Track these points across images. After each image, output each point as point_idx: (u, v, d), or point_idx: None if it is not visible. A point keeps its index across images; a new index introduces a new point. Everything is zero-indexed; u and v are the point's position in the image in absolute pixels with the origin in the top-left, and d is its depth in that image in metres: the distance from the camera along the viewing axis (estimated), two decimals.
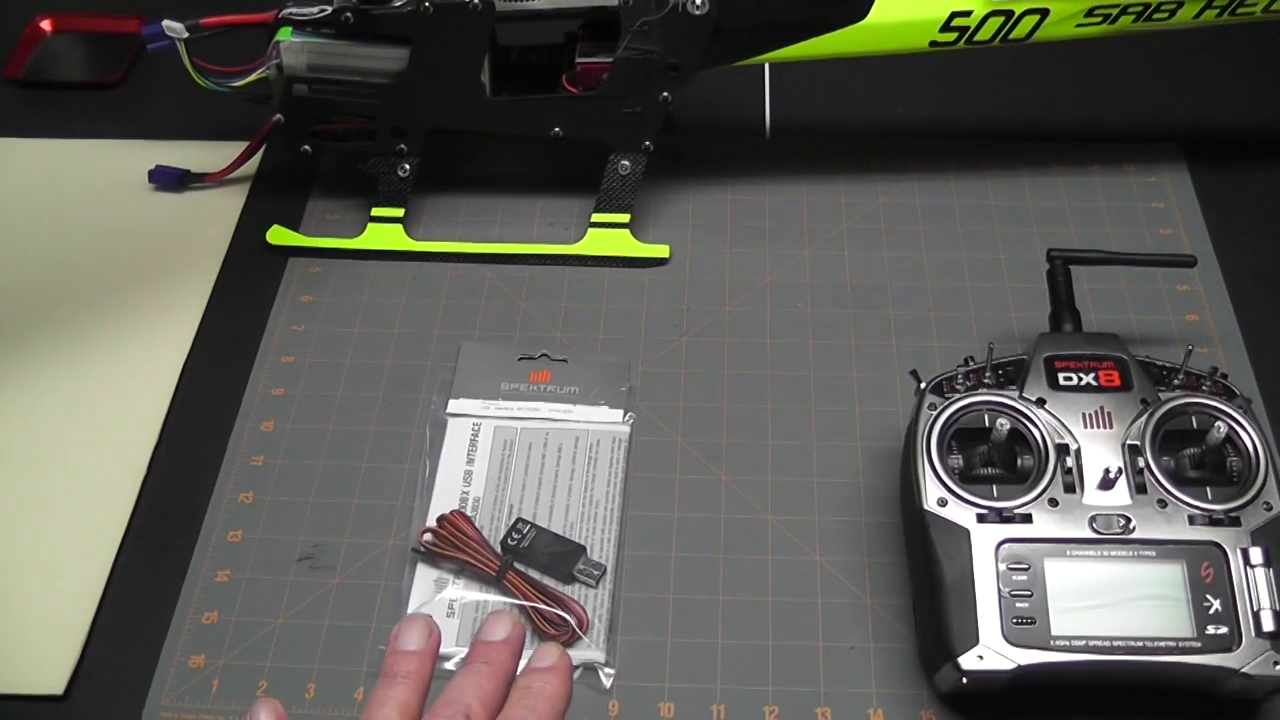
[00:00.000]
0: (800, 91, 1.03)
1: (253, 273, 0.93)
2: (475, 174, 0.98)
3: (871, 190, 0.96)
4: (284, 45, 0.87)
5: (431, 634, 0.57)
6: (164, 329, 0.89)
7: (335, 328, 0.88)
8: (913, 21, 0.85)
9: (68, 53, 1.13)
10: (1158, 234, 0.93)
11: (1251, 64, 1.05)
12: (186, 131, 1.02)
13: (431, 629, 0.57)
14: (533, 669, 0.56)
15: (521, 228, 0.94)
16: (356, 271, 0.92)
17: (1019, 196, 0.96)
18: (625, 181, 0.90)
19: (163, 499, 0.80)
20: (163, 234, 0.96)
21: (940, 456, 0.69)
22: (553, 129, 0.89)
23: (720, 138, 1.01)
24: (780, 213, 0.95)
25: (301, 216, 0.96)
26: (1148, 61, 1.05)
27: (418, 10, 0.84)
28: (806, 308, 0.88)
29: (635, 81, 0.86)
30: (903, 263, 0.91)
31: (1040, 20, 0.85)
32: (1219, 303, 0.88)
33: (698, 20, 0.83)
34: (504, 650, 0.56)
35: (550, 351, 0.85)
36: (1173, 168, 0.98)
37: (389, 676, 0.55)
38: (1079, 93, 1.04)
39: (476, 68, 0.87)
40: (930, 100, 1.03)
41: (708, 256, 0.92)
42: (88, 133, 1.04)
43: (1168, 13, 0.85)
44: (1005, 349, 0.75)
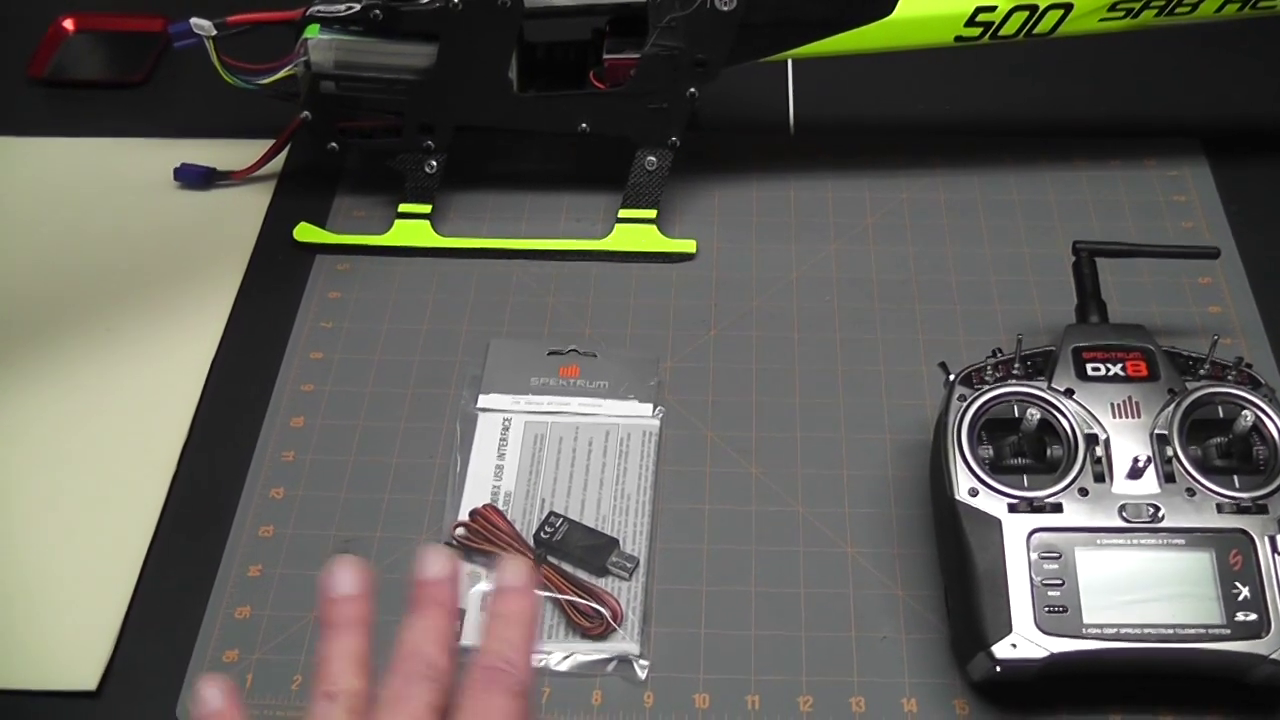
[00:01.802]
0: (824, 88, 1.04)
1: (280, 270, 0.93)
2: (502, 170, 0.98)
3: (895, 185, 0.97)
4: (312, 42, 0.88)
5: (363, 574, 0.53)
6: (192, 327, 0.89)
7: (364, 324, 0.89)
8: (938, 16, 0.86)
9: (91, 52, 1.14)
10: (1179, 227, 0.94)
11: (1271, 58, 1.05)
12: (212, 130, 1.03)
13: (363, 569, 0.53)
14: (502, 590, 0.53)
15: (548, 223, 0.95)
16: (384, 268, 0.93)
17: (1041, 191, 0.96)
18: (652, 177, 0.91)
19: (194, 495, 0.80)
20: (189, 232, 0.96)
21: (971, 447, 0.70)
22: (580, 125, 0.89)
23: (745, 134, 1.01)
24: (805, 208, 0.95)
25: (328, 213, 0.97)
26: (1167, 56, 1.06)
27: (446, 7, 0.85)
28: (833, 302, 0.89)
29: (662, 77, 0.87)
30: (927, 257, 0.92)
31: (1064, 15, 0.86)
32: (1241, 294, 0.89)
33: (725, 16, 0.84)
34: (448, 587, 0.53)
35: (579, 346, 0.86)
36: (1193, 161, 0.98)
37: (329, 628, 0.51)
38: (1100, 88, 1.04)
39: (504, 64, 0.88)
40: (952, 97, 1.03)
41: (734, 251, 0.92)
42: (112, 132, 1.05)
43: (1190, 7, 0.86)
44: (1031, 341, 0.75)
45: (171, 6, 1.07)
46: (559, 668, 0.71)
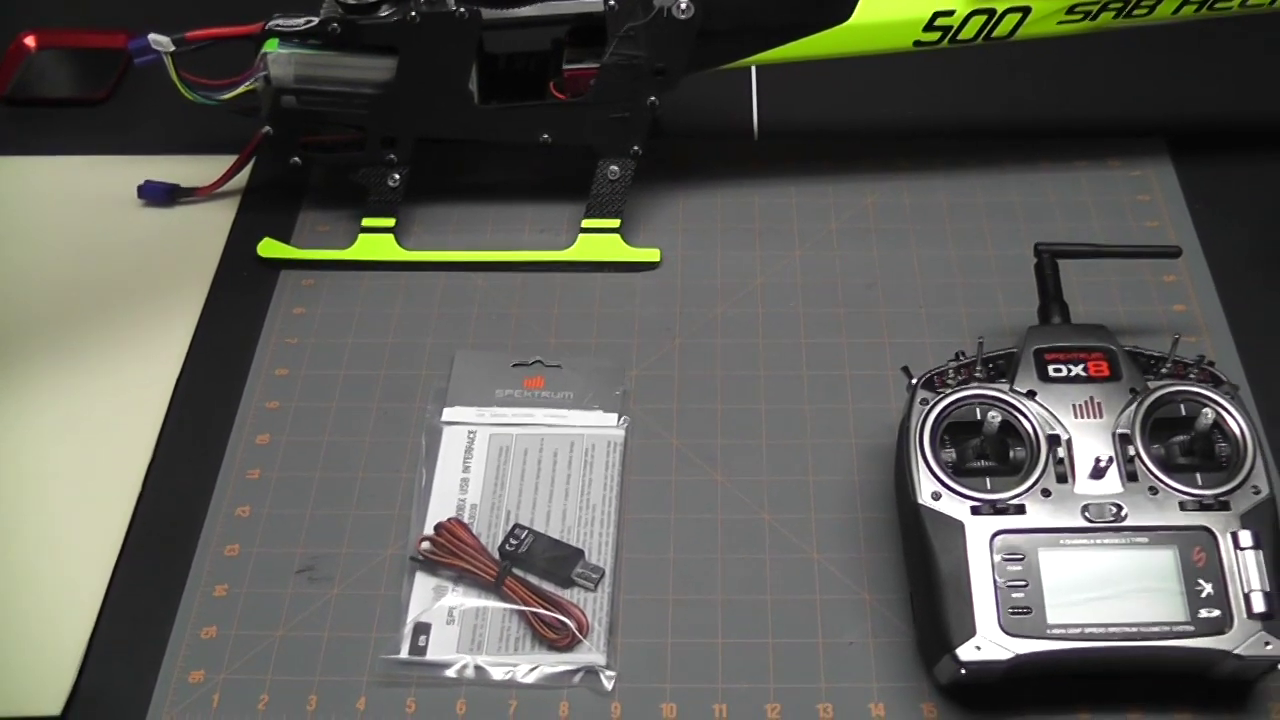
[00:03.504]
0: (788, 93, 1.04)
1: (245, 286, 0.93)
2: (465, 182, 0.98)
3: (860, 190, 0.97)
4: (271, 57, 0.88)
5: None
6: (156, 345, 0.89)
7: (329, 339, 0.89)
8: (896, 22, 0.86)
9: (53, 69, 1.14)
10: (1144, 226, 0.94)
11: (1232, 57, 1.06)
12: (175, 146, 1.03)
13: None
14: None
15: (512, 234, 0.95)
16: (349, 282, 0.92)
17: (1006, 193, 0.97)
18: (615, 187, 0.91)
19: (159, 514, 0.80)
20: (153, 249, 0.96)
21: (933, 450, 0.70)
22: (541, 136, 0.89)
23: (709, 140, 1.01)
24: (770, 214, 0.95)
25: (293, 228, 0.97)
26: (1130, 56, 1.06)
27: (404, 20, 0.85)
28: (798, 308, 0.89)
29: (622, 87, 0.87)
30: (892, 261, 0.92)
31: (1022, 18, 0.86)
32: (1205, 292, 0.89)
33: (683, 24, 0.84)
34: None
35: (544, 358, 0.85)
36: (1157, 161, 0.98)
37: None
38: (1063, 89, 1.05)
39: (464, 76, 0.88)
40: (916, 99, 1.03)
41: (699, 259, 0.92)
42: (76, 149, 1.04)
43: (1147, 9, 0.86)
44: (995, 343, 0.75)
45: (136, 22, 1.07)
46: (525, 680, 0.70)
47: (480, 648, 0.71)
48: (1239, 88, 1.05)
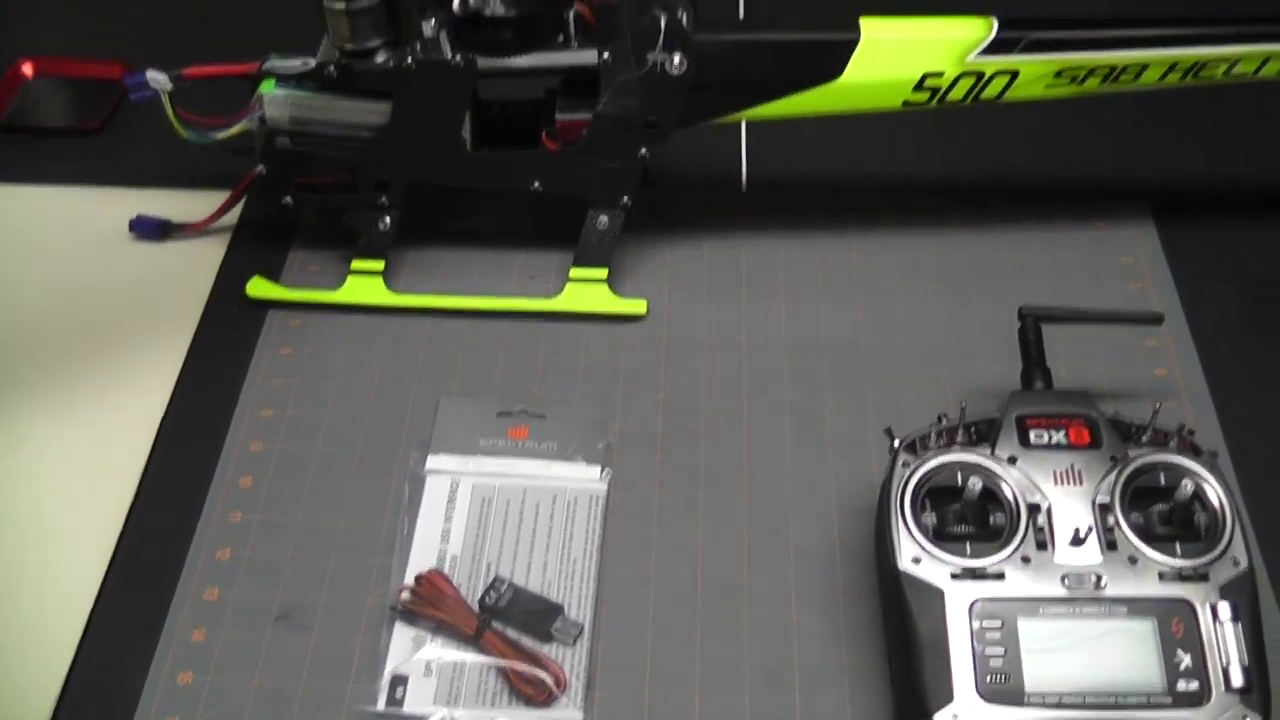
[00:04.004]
0: (777, 146, 1.05)
1: (232, 324, 0.93)
2: (455, 227, 0.99)
3: (846, 245, 0.97)
4: (267, 98, 0.88)
5: None
6: (142, 381, 0.89)
7: (314, 381, 0.89)
8: (886, 81, 0.87)
9: (50, 98, 1.14)
10: (1127, 288, 0.95)
11: (1218, 121, 1.07)
12: (168, 179, 1.03)
13: None
14: None
15: (501, 280, 0.95)
16: (337, 324, 0.93)
17: (991, 251, 0.97)
18: (603, 237, 0.91)
19: (139, 555, 0.80)
20: (143, 284, 0.96)
21: (914, 515, 0.70)
22: (532, 184, 0.90)
23: (698, 191, 1.02)
24: (757, 267, 0.96)
25: (282, 266, 0.97)
26: (1116, 118, 1.07)
27: (400, 67, 0.85)
28: (782, 363, 0.89)
29: (614, 138, 0.87)
30: (877, 318, 0.92)
31: (1010, 81, 0.87)
32: (1186, 356, 0.90)
33: (676, 80, 0.85)
34: None
35: (529, 407, 0.86)
36: (1141, 223, 0.99)
37: None
38: (1049, 148, 1.06)
39: (458, 123, 0.88)
40: (904, 156, 1.04)
41: (685, 311, 0.93)
42: (69, 179, 1.05)
43: (1133, 74, 0.87)
44: (978, 403, 0.75)
45: (133, 51, 1.08)
46: None
47: (458, 701, 0.71)
48: (1222, 152, 1.06)
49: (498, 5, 0.83)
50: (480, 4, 0.83)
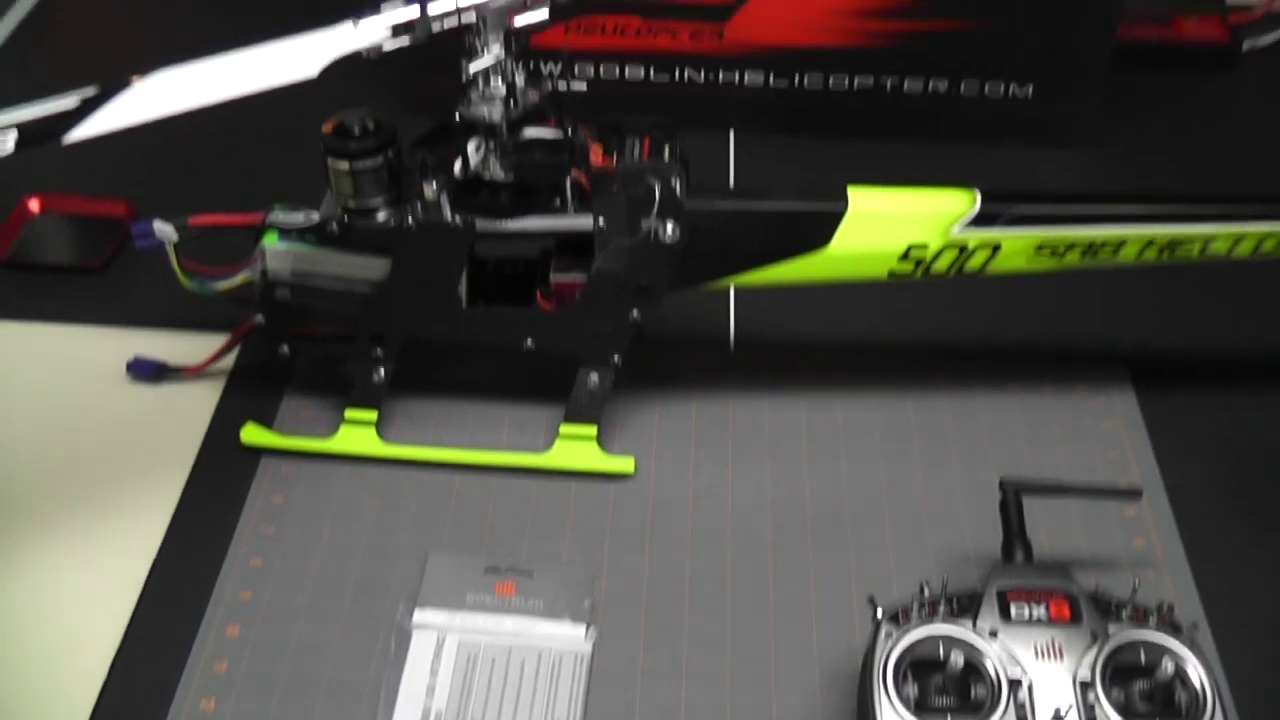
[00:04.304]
0: (765, 307, 1.07)
1: (225, 470, 0.94)
2: (448, 378, 1.00)
3: (831, 406, 0.99)
4: (270, 251, 0.90)
5: None
6: (133, 526, 0.90)
7: (305, 530, 0.90)
8: (872, 252, 0.89)
9: (54, 234, 1.16)
10: (1106, 456, 0.96)
11: (1195, 290, 1.09)
12: (167, 320, 1.04)
13: None
14: None
15: (492, 433, 0.96)
16: (328, 473, 0.94)
17: (973, 415, 0.99)
18: (594, 395, 0.93)
19: (123, 704, 0.80)
20: (137, 427, 0.97)
21: (896, 687, 0.71)
22: (526, 342, 0.92)
23: (687, 350, 1.04)
24: (743, 427, 0.97)
25: (276, 412, 0.98)
26: (1096, 283, 1.09)
27: (401, 226, 0.87)
28: (767, 525, 0.91)
29: (607, 301, 0.89)
30: (861, 480, 0.94)
31: (993, 254, 0.89)
32: (1165, 526, 0.91)
33: (668, 247, 0.87)
34: None
35: (516, 563, 0.86)
36: (1120, 389, 1.01)
37: None
38: (1030, 312, 1.07)
39: (455, 282, 0.90)
40: (889, 318, 1.06)
41: (672, 469, 0.94)
42: (69, 317, 1.06)
43: (1111, 250, 0.90)
44: (960, 570, 0.77)
45: (139, 188, 1.10)
46: None
47: None
48: (1200, 321, 1.08)
49: (497, 170, 0.86)
50: (480, 168, 0.86)
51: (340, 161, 0.86)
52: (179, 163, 1.22)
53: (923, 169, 1.20)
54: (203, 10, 1.50)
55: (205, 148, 1.23)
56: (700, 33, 1.19)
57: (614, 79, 1.22)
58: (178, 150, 1.24)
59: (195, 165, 1.22)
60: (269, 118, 0.90)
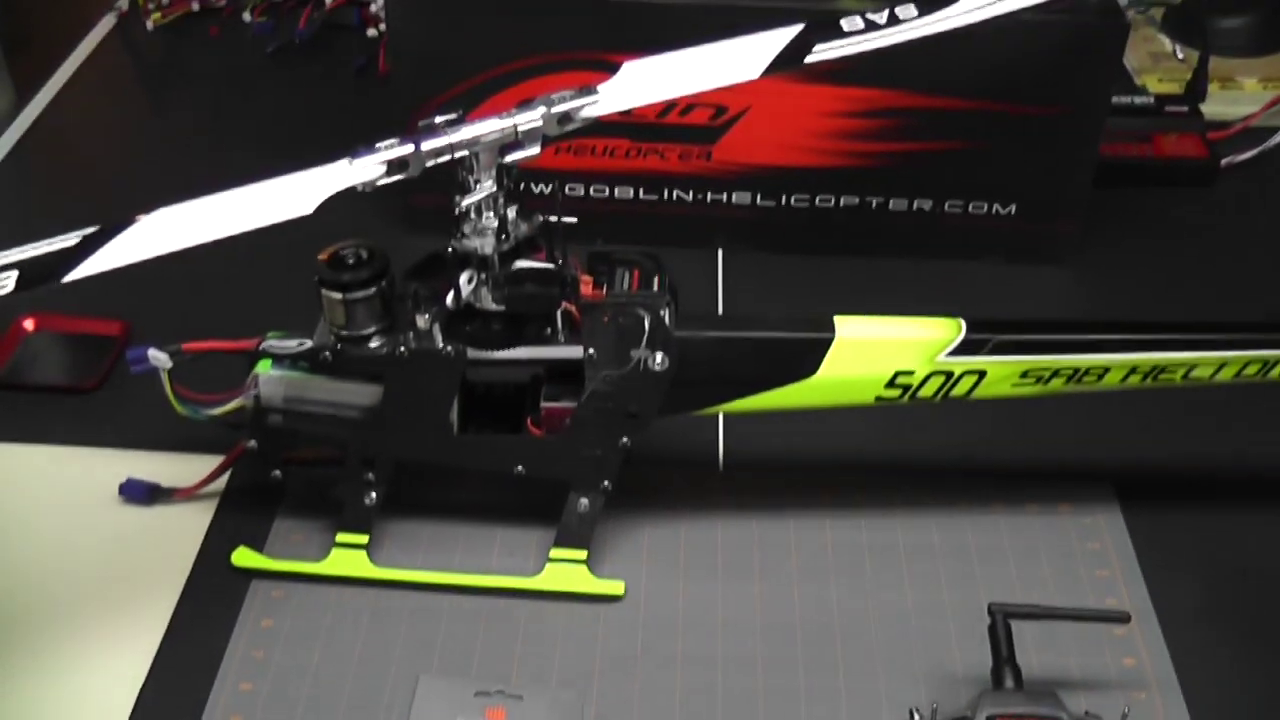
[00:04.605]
0: (753, 427, 1.08)
1: (215, 593, 0.94)
2: (439, 499, 1.01)
3: (820, 526, 1.00)
4: (263, 378, 0.91)
5: None
6: (121, 651, 0.90)
7: (295, 654, 0.90)
8: (859, 380, 0.90)
9: (48, 354, 1.17)
10: (1094, 575, 0.97)
11: (1179, 405, 1.10)
12: (160, 441, 1.05)
13: None
14: None
15: (482, 556, 0.97)
16: (319, 596, 0.94)
17: (961, 534, 1.00)
18: (583, 520, 0.93)
19: None
20: (128, 549, 0.98)
21: None
22: (516, 467, 0.93)
23: (675, 470, 1.04)
24: (732, 547, 0.98)
25: (267, 535, 0.99)
26: (1080, 402, 1.10)
27: (393, 354, 0.89)
28: (757, 645, 0.91)
29: (597, 427, 0.90)
30: (850, 601, 0.94)
31: (978, 380, 0.91)
32: (1154, 646, 0.91)
33: (658, 375, 0.88)
34: None
35: (506, 687, 0.87)
36: (1106, 508, 1.02)
37: None
38: (1015, 431, 1.08)
39: (446, 408, 0.91)
40: (876, 438, 1.07)
41: (662, 592, 0.95)
42: (61, 439, 1.07)
43: (1096, 376, 0.91)
44: (949, 692, 0.77)
45: (135, 306, 1.12)
46: None
47: None
48: (1185, 438, 1.09)
49: (489, 301, 0.87)
50: (472, 299, 0.87)
51: (333, 291, 0.87)
52: (174, 280, 1.23)
53: (908, 285, 1.23)
54: (195, 124, 1.53)
55: (200, 264, 1.24)
56: (688, 154, 1.21)
57: (604, 198, 1.24)
58: (173, 268, 1.26)
59: (190, 282, 1.23)
60: (264, 233, 0.91)
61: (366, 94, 1.53)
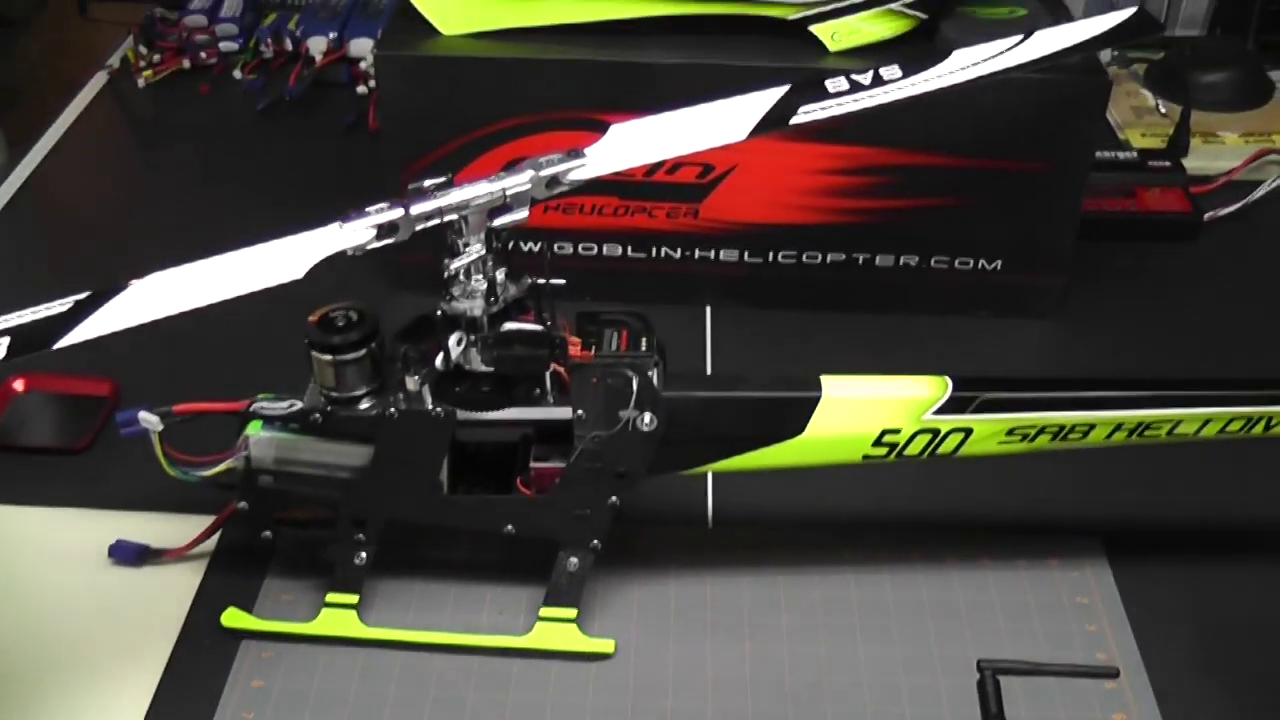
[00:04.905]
0: (742, 484, 1.07)
1: (205, 654, 0.94)
2: (429, 558, 1.01)
3: (809, 582, 1.00)
4: (253, 440, 0.92)
5: None
6: (112, 711, 0.90)
7: (285, 715, 0.90)
8: (846, 439, 0.91)
9: (37, 415, 1.17)
10: (1083, 630, 0.97)
11: (1167, 461, 1.10)
12: (149, 502, 1.05)
13: None
14: None
15: (472, 615, 0.97)
16: (309, 657, 0.94)
17: (950, 589, 1.00)
18: (573, 578, 0.94)
19: None
20: (117, 611, 0.98)
21: None
22: (506, 527, 0.93)
23: (665, 528, 1.05)
24: (722, 605, 0.98)
25: (257, 595, 0.99)
26: (1067, 457, 1.11)
27: (383, 415, 0.89)
28: (746, 705, 0.91)
29: (586, 487, 0.91)
30: (840, 658, 0.94)
31: (965, 438, 0.91)
32: (1144, 701, 0.91)
33: (647, 436, 0.89)
34: None
35: None
36: (1094, 562, 1.02)
37: None
38: (1003, 484, 1.09)
39: (436, 469, 0.92)
40: (865, 494, 1.07)
41: (651, 649, 0.95)
42: (50, 500, 1.07)
43: (1081, 434, 0.92)
44: None
45: (125, 365, 1.12)
46: None
47: None
48: (1172, 491, 1.09)
49: (478, 363, 0.88)
50: (462, 360, 0.88)
51: (323, 354, 0.88)
52: (164, 340, 1.24)
53: (896, 340, 1.24)
54: (187, 181, 1.54)
55: (190, 324, 1.25)
56: (676, 212, 1.22)
57: (592, 255, 1.25)
58: (162, 327, 1.26)
59: (180, 342, 1.23)
60: (254, 293, 0.92)
61: (357, 150, 1.54)
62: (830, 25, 1.16)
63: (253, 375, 0.95)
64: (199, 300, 0.78)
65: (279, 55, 1.70)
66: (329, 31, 1.66)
